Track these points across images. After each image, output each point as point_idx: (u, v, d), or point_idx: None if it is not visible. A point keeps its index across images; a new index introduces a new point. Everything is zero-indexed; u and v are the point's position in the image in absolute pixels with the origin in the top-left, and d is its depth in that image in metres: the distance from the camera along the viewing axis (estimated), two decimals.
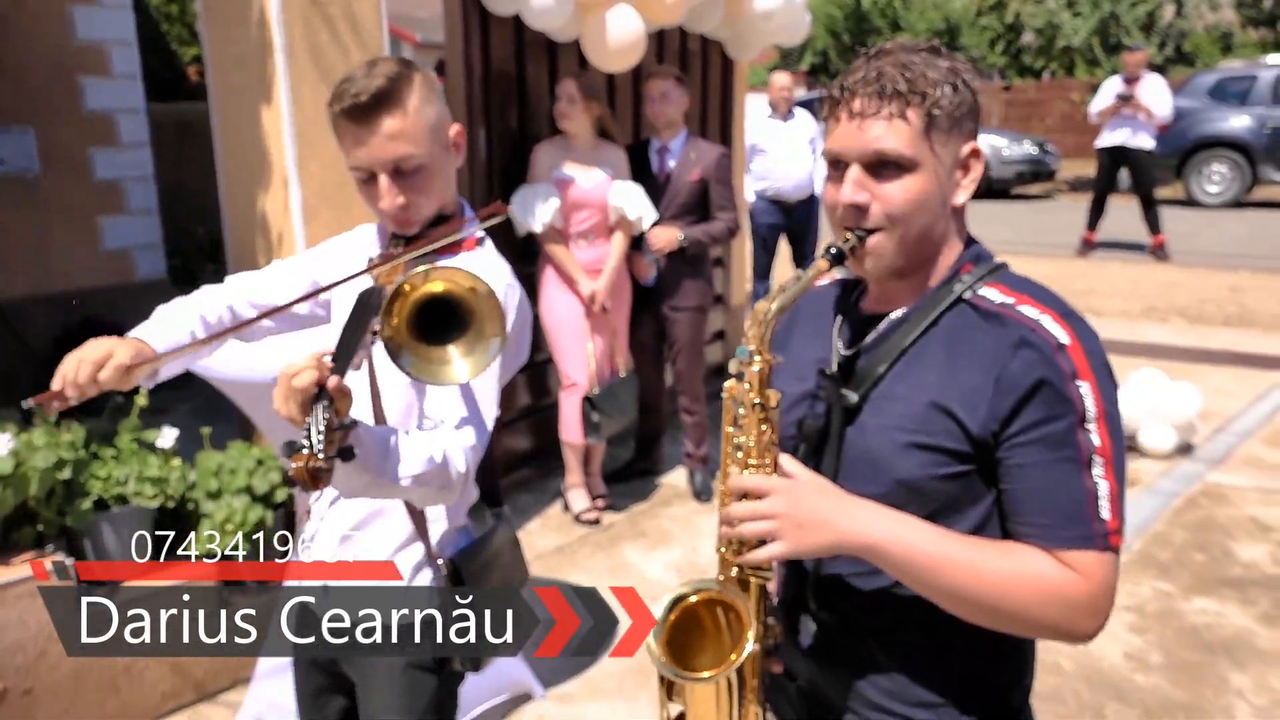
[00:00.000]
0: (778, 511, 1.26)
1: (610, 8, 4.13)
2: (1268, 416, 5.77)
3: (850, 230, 1.32)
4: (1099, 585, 1.23)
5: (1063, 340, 1.26)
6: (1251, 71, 13.75)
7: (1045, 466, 1.24)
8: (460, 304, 1.41)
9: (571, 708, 3.17)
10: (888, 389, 1.33)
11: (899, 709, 1.35)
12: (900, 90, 1.28)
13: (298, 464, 1.25)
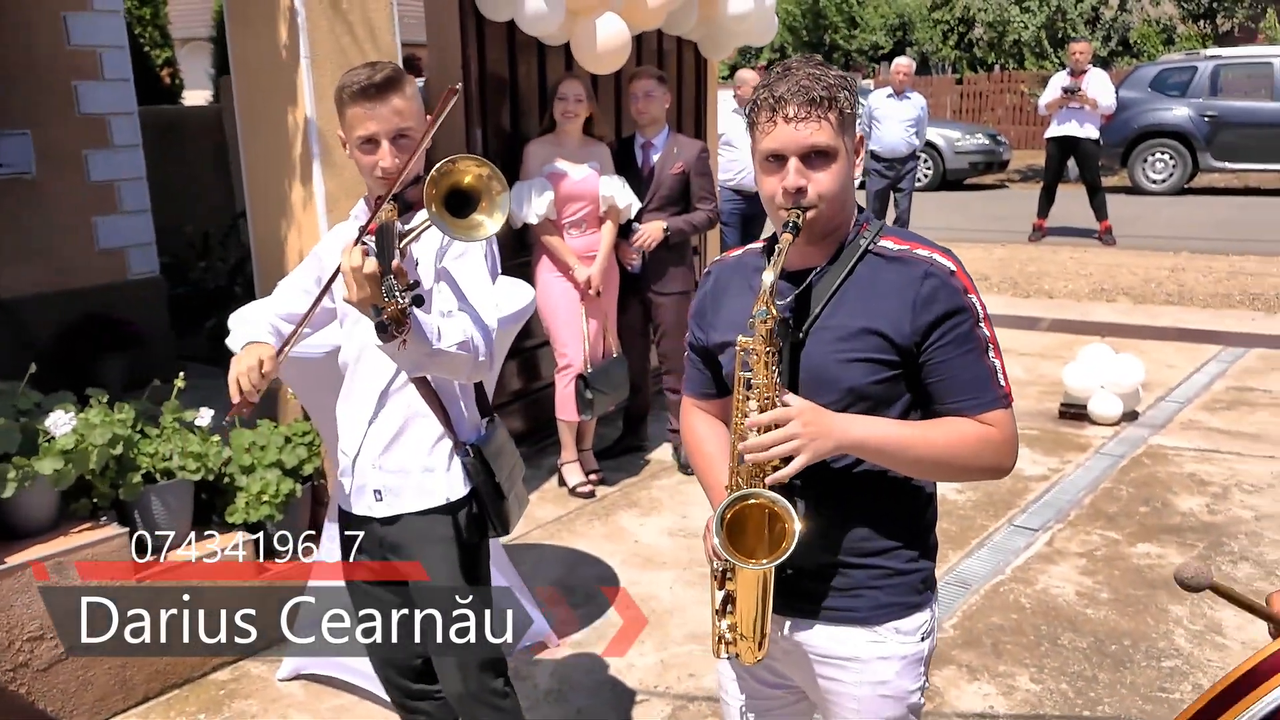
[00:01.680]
0: (796, 433, 1.64)
1: (598, 14, 4.44)
2: (1205, 385, 6.23)
3: (794, 209, 1.70)
4: (1009, 431, 1.73)
5: (952, 269, 1.71)
6: (1191, 63, 14.32)
7: (959, 358, 1.70)
8: (472, 189, 1.90)
9: (583, 652, 3.49)
10: (826, 322, 1.73)
11: (862, 559, 1.78)
12: (822, 97, 1.66)
13: (389, 310, 1.77)
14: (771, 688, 1.95)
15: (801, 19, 22.60)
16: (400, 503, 2.26)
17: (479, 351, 2.05)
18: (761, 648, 1.79)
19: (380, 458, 2.26)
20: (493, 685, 2.34)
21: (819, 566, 1.78)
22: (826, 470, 1.74)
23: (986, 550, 4.13)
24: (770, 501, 1.68)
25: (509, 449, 2.41)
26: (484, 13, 4.42)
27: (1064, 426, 5.58)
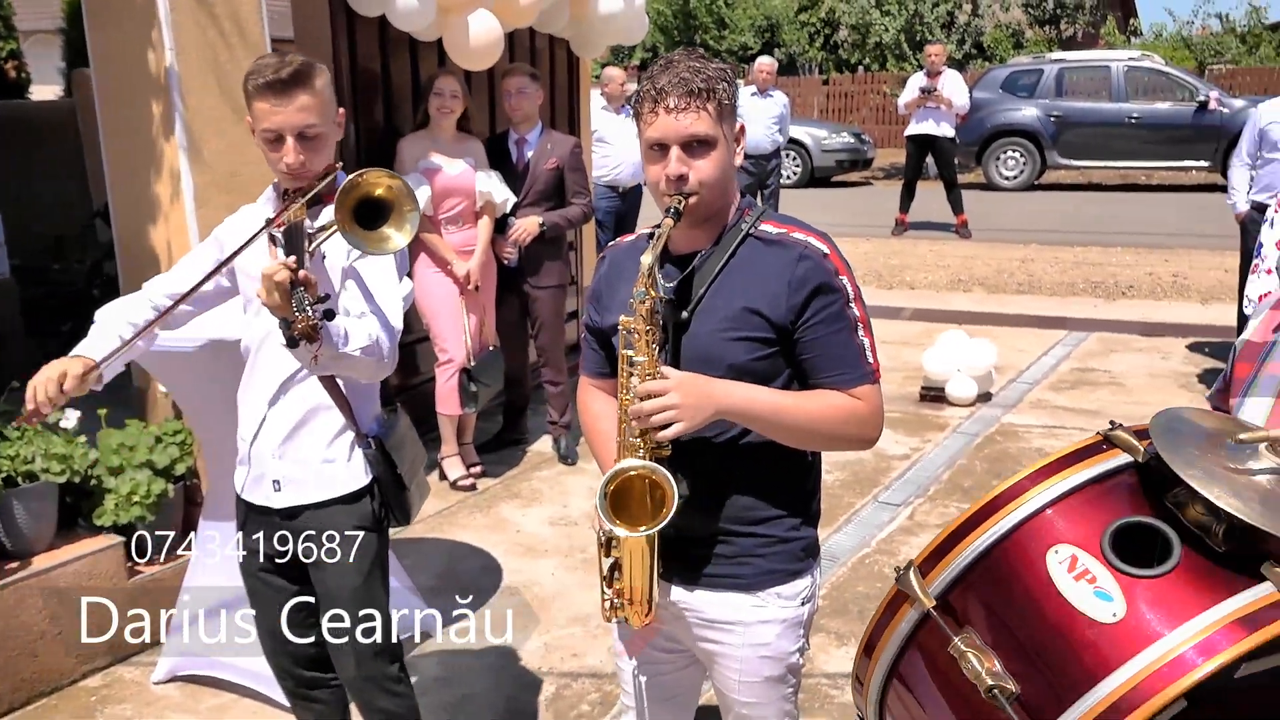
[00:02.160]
0: (675, 402, 1.73)
1: (470, 11, 4.48)
2: (1052, 367, 6.66)
3: (677, 195, 1.79)
4: (876, 406, 1.85)
5: (825, 251, 1.82)
6: (1038, 66, 15.15)
7: (831, 335, 1.81)
8: (381, 199, 1.94)
9: (468, 640, 3.53)
10: (709, 304, 1.84)
11: (746, 527, 1.88)
12: (701, 88, 1.75)
13: (300, 325, 1.79)
14: (664, 652, 2.05)
15: (673, 19, 22.92)
16: (300, 493, 2.26)
17: (383, 353, 2.07)
18: (649, 612, 1.88)
19: (280, 447, 2.26)
20: (388, 671, 2.37)
21: (706, 535, 1.89)
22: (712, 443, 1.85)
23: (853, 525, 4.35)
24: (649, 471, 1.77)
25: (411, 439, 2.43)
26: (355, 8, 4.41)
27: (924, 408, 5.89)
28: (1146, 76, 14.37)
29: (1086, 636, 0.99)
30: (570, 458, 5.14)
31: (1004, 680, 1.04)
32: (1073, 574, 1.03)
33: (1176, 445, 1.05)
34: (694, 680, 2.14)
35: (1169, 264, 9.46)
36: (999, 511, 1.08)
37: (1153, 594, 0.99)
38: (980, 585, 1.09)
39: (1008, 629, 1.05)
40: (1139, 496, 1.07)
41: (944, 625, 1.09)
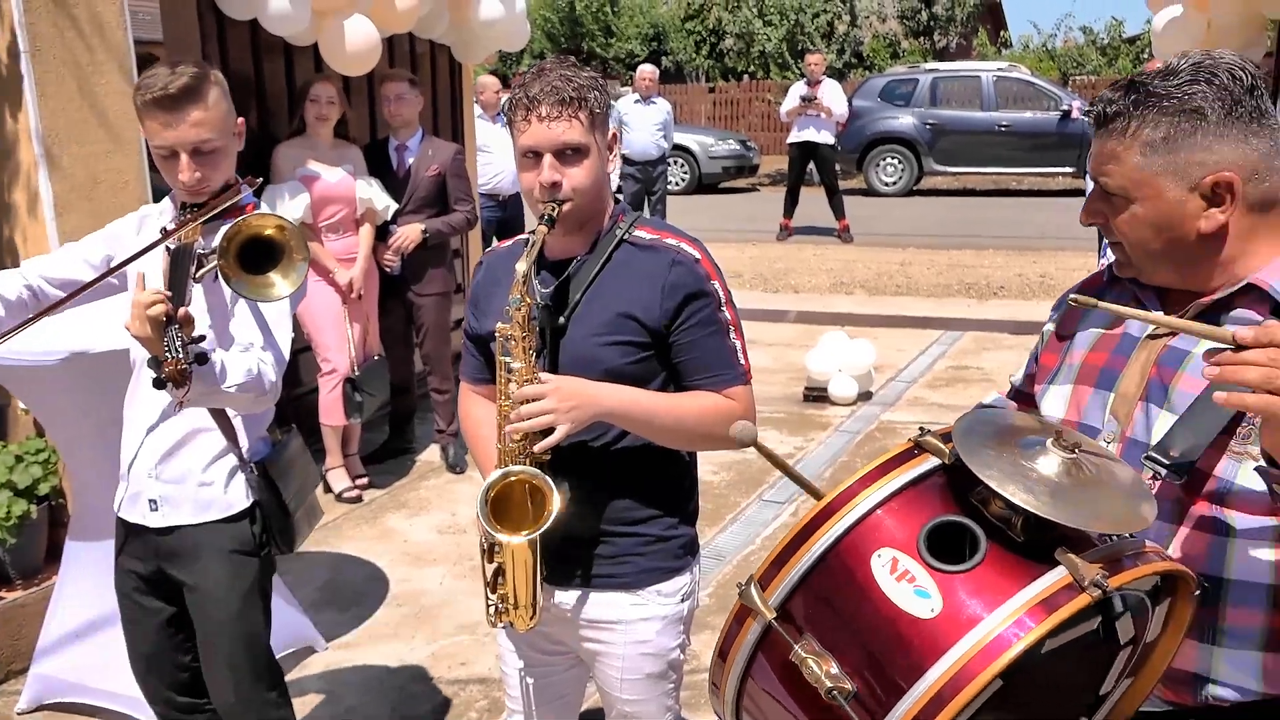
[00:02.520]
0: (554, 406, 1.75)
1: (346, 15, 4.43)
2: (928, 366, 6.92)
3: (550, 202, 1.81)
4: (749, 405, 1.91)
5: (697, 257, 1.87)
6: (914, 76, 15.71)
7: (704, 338, 1.86)
8: (272, 240, 1.88)
9: (355, 653, 3.49)
10: (585, 309, 1.86)
11: (626, 528, 1.92)
12: (571, 97, 1.77)
13: (169, 368, 1.70)
14: (547, 654, 2.06)
15: (559, 26, 22.94)
16: (177, 514, 2.18)
17: (263, 387, 1.99)
18: (534, 616, 1.89)
19: (158, 466, 2.17)
20: (267, 697, 2.30)
21: (586, 536, 1.90)
22: (590, 446, 1.87)
23: (739, 524, 4.44)
24: (530, 476, 1.79)
25: (301, 462, 2.35)
26: (225, 11, 4.30)
27: (808, 408, 6.04)
28: (1014, 86, 15.04)
29: (910, 632, 1.06)
30: (459, 465, 5.11)
31: (842, 681, 1.10)
32: (894, 575, 1.10)
33: (975, 447, 1.12)
34: (578, 681, 2.16)
35: (1036, 265, 9.91)
36: (827, 522, 1.14)
37: (965, 587, 1.07)
38: (815, 593, 1.15)
39: (842, 632, 1.12)
40: (948, 496, 1.14)
41: (785, 634, 1.15)
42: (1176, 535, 1.33)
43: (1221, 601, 1.31)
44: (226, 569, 2.20)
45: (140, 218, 2.27)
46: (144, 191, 3.61)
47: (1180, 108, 1.30)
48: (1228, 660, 1.33)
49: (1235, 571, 1.31)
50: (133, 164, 3.56)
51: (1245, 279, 1.33)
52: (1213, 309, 1.36)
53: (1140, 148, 1.32)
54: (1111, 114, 1.34)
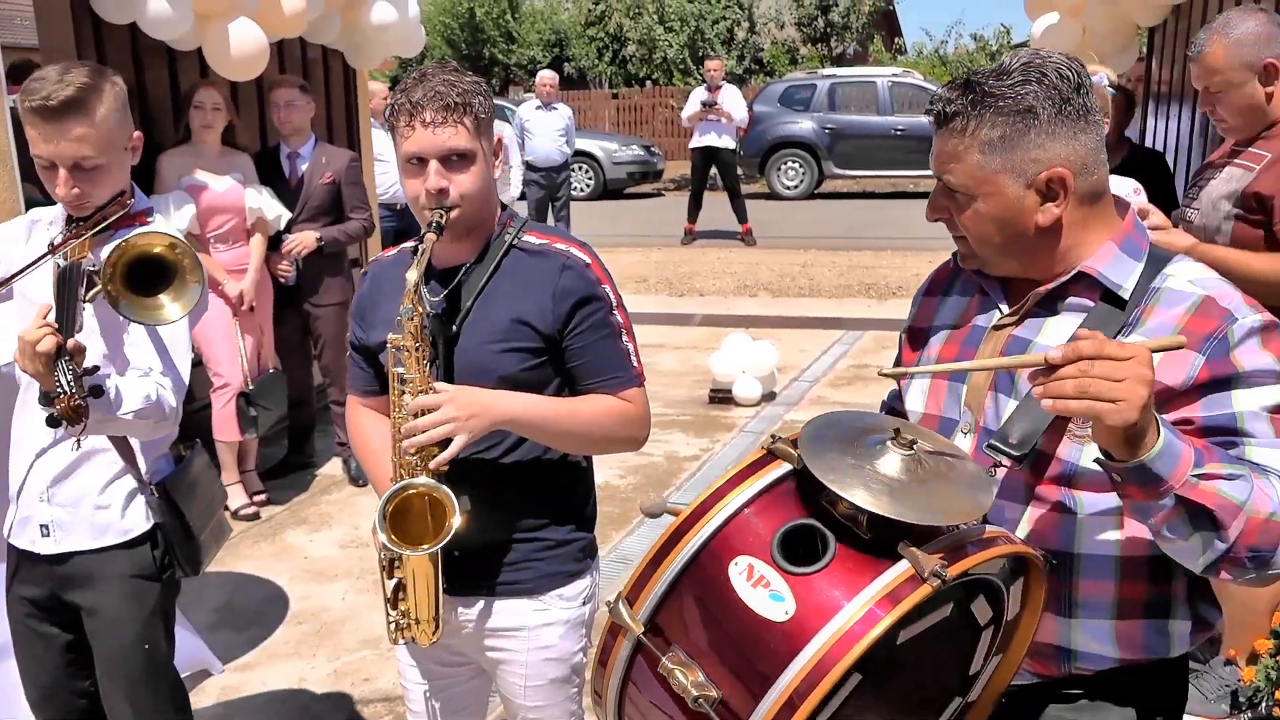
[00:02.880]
0: (450, 415, 1.72)
1: (231, 19, 4.31)
2: (830, 366, 7.04)
3: (438, 210, 1.78)
4: (643, 406, 1.92)
5: (588, 261, 1.87)
6: (812, 81, 16.02)
7: (597, 342, 1.85)
8: (162, 259, 1.78)
9: (253, 674, 3.39)
10: (477, 316, 1.84)
11: (525, 535, 1.90)
12: (456, 102, 1.74)
13: (61, 405, 1.60)
14: (449, 666, 2.03)
15: (460, 32, 22.75)
16: (70, 540, 2.07)
17: (163, 413, 1.91)
18: (436, 630, 1.86)
19: (49, 489, 2.05)
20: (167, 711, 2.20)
21: (484, 545, 1.87)
22: (485, 455, 1.85)
23: (646, 527, 4.44)
24: (429, 488, 1.75)
25: (205, 480, 2.25)
26: (102, 14, 4.15)
27: (713, 410, 6.09)
28: (909, 91, 15.45)
29: (767, 636, 1.09)
30: (361, 479, 5.00)
31: (707, 689, 1.12)
32: (750, 581, 1.12)
33: (820, 451, 1.16)
34: (481, 692, 2.13)
35: (933, 264, 9.98)
36: (687, 535, 1.17)
37: (816, 587, 1.10)
38: (679, 605, 1.18)
39: (706, 641, 1.15)
40: (801, 500, 1.17)
41: (653, 648, 1.18)
42: (1027, 516, 1.40)
43: (1074, 576, 1.39)
44: (126, 594, 2.09)
45: (29, 223, 2.14)
46: (17, 203, 3.45)
47: (1014, 108, 1.34)
48: (1084, 630, 1.41)
49: (1084, 547, 1.38)
50: (4, 173, 3.41)
51: (1077, 267, 1.41)
52: (1050, 297, 1.43)
53: (979, 147, 1.36)
54: (951, 114, 1.38)
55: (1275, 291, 2.46)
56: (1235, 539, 1.22)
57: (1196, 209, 2.77)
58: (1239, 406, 1.31)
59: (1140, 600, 1.40)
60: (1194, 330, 1.32)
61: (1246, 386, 1.31)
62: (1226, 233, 2.63)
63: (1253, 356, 1.31)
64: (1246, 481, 1.23)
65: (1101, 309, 1.39)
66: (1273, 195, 2.49)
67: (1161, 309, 1.36)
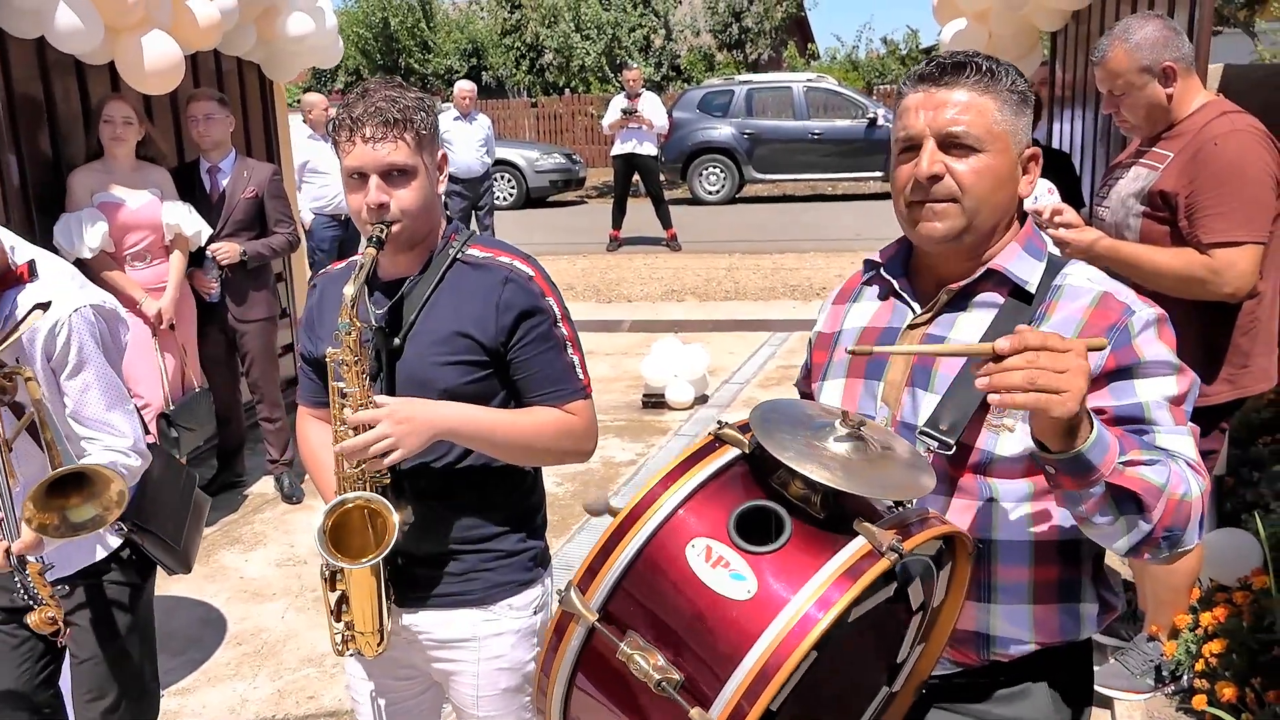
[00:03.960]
0: (390, 430, 1.72)
1: (143, 32, 4.21)
2: (760, 367, 7.14)
3: (379, 224, 1.79)
4: (590, 419, 1.92)
5: (531, 274, 1.87)
6: (729, 88, 16.19)
7: (541, 355, 1.86)
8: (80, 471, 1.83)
9: (192, 698, 3.31)
10: (420, 328, 1.84)
11: (473, 545, 1.91)
12: (397, 118, 1.75)
13: (38, 621, 1.74)
14: (399, 680, 2.03)
15: (374, 42, 22.48)
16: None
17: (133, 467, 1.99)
18: (381, 641, 1.86)
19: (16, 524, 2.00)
20: None
21: (432, 555, 1.88)
22: (431, 465, 1.85)
23: (585, 533, 4.47)
24: (366, 501, 1.75)
25: (167, 484, 2.30)
26: (7, 29, 4.02)
27: (646, 415, 6.14)
28: (823, 96, 15.73)
29: (730, 615, 1.10)
30: (295, 496, 4.93)
31: (669, 671, 1.12)
32: (709, 563, 1.13)
33: (772, 432, 1.18)
34: (434, 704, 2.13)
35: (854, 265, 10.19)
36: (638, 521, 1.18)
37: (776, 565, 1.12)
38: (634, 591, 1.18)
39: (665, 624, 1.15)
40: (751, 483, 1.19)
41: (609, 634, 1.17)
42: (950, 505, 1.45)
43: (992, 561, 1.45)
44: (100, 603, 2.13)
45: None
46: None
47: (1018, 87, 1.44)
48: (1003, 615, 1.46)
49: (1001, 532, 1.44)
50: None
51: (986, 265, 1.47)
52: (961, 295, 1.49)
53: (1001, 104, 1.42)
54: (980, 66, 1.42)
55: (1177, 284, 2.60)
56: (1156, 520, 1.28)
57: (1107, 207, 2.90)
58: (1142, 396, 1.38)
59: (1053, 583, 1.46)
60: (1097, 323, 1.40)
61: (1146, 376, 1.39)
62: (1135, 229, 2.75)
63: (1150, 346, 1.40)
64: (1164, 466, 1.30)
65: (1010, 304, 1.46)
66: (1176, 193, 2.62)
67: (1064, 303, 1.44)
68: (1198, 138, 2.63)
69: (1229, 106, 2.73)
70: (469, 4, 24.51)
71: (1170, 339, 1.43)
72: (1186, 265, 2.56)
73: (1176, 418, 1.39)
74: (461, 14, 24.08)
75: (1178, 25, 2.79)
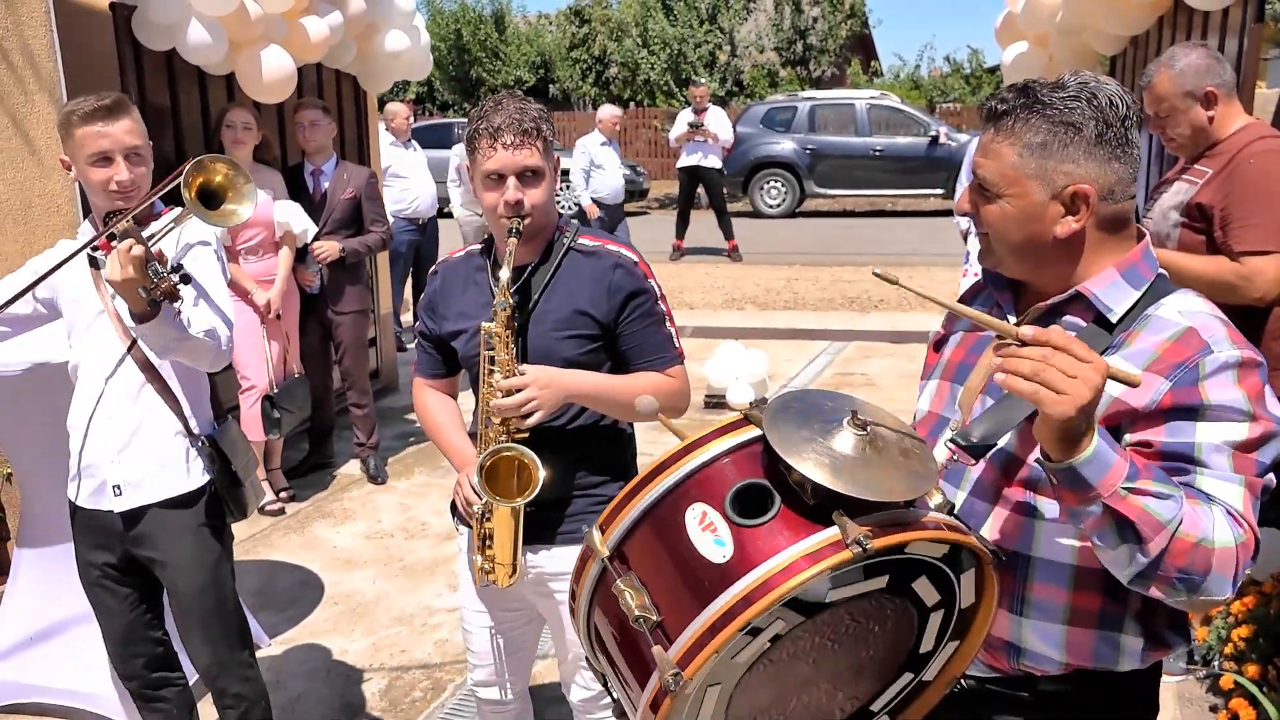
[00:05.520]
0: (533, 394, 2.05)
1: (262, 46, 4.62)
2: (817, 373, 7.38)
3: (515, 218, 2.10)
4: (685, 382, 2.27)
5: (635, 260, 2.20)
6: (792, 104, 16.43)
7: (645, 329, 2.19)
8: (220, 185, 2.17)
9: (296, 648, 3.66)
10: (542, 307, 2.16)
11: (582, 491, 2.23)
12: (530, 127, 2.07)
13: (163, 286, 2.00)
14: (510, 611, 2.35)
15: (447, 54, 23.10)
16: (140, 495, 2.39)
17: (221, 340, 2.28)
18: (513, 574, 2.17)
19: (119, 454, 2.38)
20: (240, 657, 2.54)
21: (553, 500, 2.19)
22: (554, 423, 2.17)
23: None
24: (519, 454, 2.07)
25: (243, 443, 2.59)
26: (142, 41, 4.45)
27: (708, 414, 6.42)
28: (886, 114, 15.89)
29: (704, 573, 1.25)
30: (379, 477, 5.29)
31: (649, 611, 1.27)
32: (701, 526, 1.27)
33: (781, 421, 1.30)
34: (534, 635, 2.46)
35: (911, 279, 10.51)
36: (658, 477, 1.32)
37: (755, 538, 1.25)
38: (642, 538, 1.33)
39: (657, 571, 1.30)
40: (763, 462, 1.31)
41: (614, 571, 1.33)
42: (992, 515, 1.49)
43: (1029, 578, 1.47)
44: (194, 542, 2.43)
45: (59, 251, 2.46)
46: (76, 214, 3.75)
47: (1061, 119, 1.40)
48: (1034, 631, 1.49)
49: (1042, 551, 1.46)
50: (65, 188, 3.70)
51: (1075, 287, 1.46)
52: (1049, 313, 1.49)
53: (1019, 148, 1.42)
54: (1001, 111, 1.44)
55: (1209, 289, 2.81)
56: (1159, 556, 1.27)
57: (1150, 218, 3.13)
58: (1200, 438, 1.35)
59: (1093, 611, 1.45)
60: (1168, 358, 1.37)
61: (1211, 420, 1.35)
62: (1174, 239, 2.98)
63: (1222, 390, 1.35)
64: (1176, 503, 1.28)
65: (1091, 329, 1.44)
66: (1212, 206, 2.85)
67: (1145, 335, 1.41)
68: (1235, 156, 2.86)
69: (1267, 130, 2.96)
70: (539, 17, 25.08)
71: (1255, 386, 1.36)
72: (1218, 271, 2.78)
73: (1236, 464, 1.35)
74: (531, 27, 24.63)
75: (1219, 54, 3.02)
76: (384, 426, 5.79)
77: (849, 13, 21.53)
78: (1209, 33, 4.33)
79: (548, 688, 3.24)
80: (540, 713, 2.90)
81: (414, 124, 8.90)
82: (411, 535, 4.64)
